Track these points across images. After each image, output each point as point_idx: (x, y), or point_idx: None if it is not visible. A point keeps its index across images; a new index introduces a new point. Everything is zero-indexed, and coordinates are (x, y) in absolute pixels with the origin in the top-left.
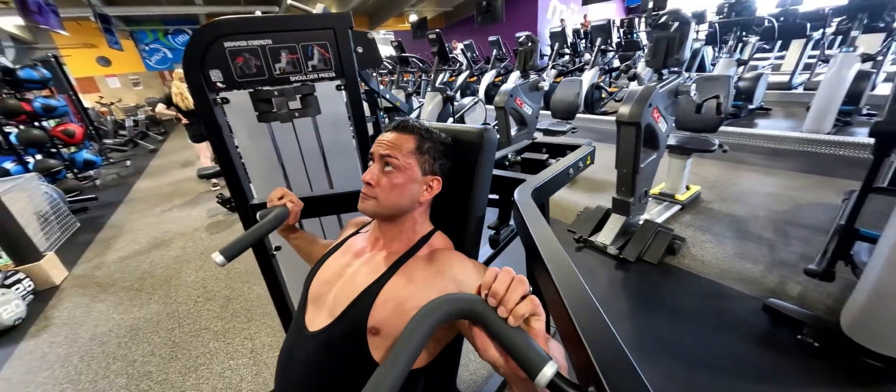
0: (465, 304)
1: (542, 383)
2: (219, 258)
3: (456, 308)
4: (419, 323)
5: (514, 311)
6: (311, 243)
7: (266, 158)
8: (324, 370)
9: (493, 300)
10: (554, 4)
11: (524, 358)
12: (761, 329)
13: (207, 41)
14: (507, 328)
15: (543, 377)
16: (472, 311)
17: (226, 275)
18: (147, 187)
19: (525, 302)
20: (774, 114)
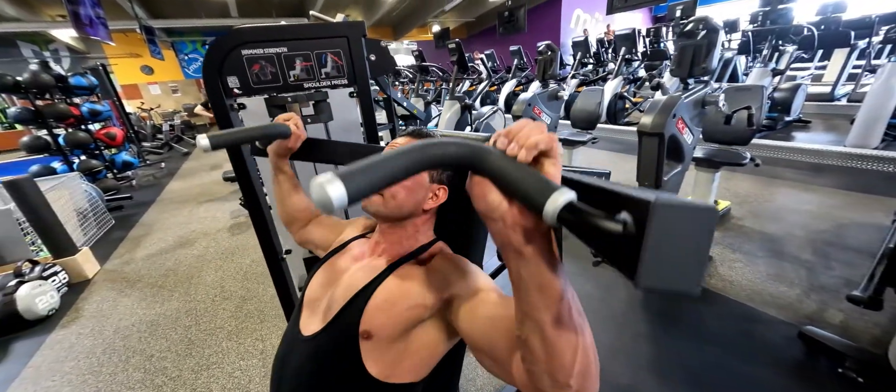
0: (465, 148)
1: (551, 213)
2: (203, 141)
3: (454, 151)
4: (414, 149)
5: (525, 143)
6: (294, 188)
7: None
8: (315, 378)
9: (504, 140)
10: (577, 14)
11: (528, 188)
12: (796, 359)
13: (226, 49)
14: (512, 164)
15: (555, 205)
16: (472, 155)
17: (242, 275)
18: (178, 188)
19: (542, 136)
20: (814, 127)
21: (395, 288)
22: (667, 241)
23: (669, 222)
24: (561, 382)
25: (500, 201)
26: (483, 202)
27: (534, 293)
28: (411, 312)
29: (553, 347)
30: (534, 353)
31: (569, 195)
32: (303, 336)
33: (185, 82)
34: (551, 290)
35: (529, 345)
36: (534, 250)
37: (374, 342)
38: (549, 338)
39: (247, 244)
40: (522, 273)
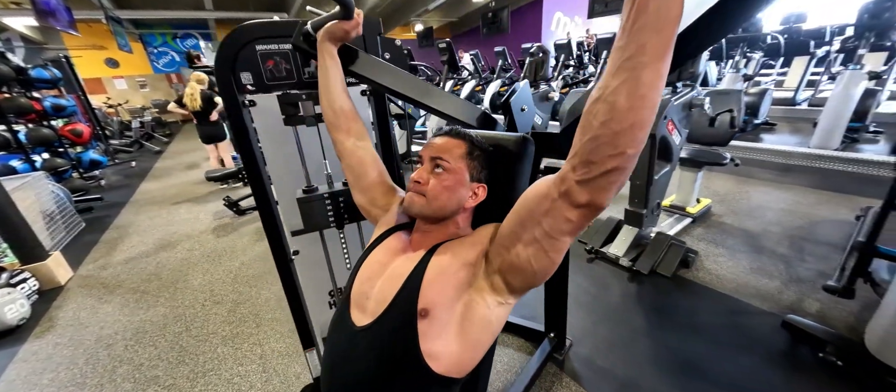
0: None
1: None
2: None
3: None
4: None
5: None
6: (339, 81)
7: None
8: (371, 366)
9: None
10: (558, 16)
11: None
12: (781, 347)
13: (240, 43)
14: None
15: None
16: None
17: (233, 279)
18: (153, 189)
19: None
20: (780, 129)
21: (442, 260)
22: None
23: None
24: (621, 147)
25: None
26: None
27: (650, 32)
28: (460, 273)
29: (641, 100)
30: (614, 106)
31: None
32: (357, 328)
33: (154, 77)
34: (668, 32)
35: (614, 99)
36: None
37: (429, 320)
38: (641, 86)
39: (234, 246)
40: (650, 3)
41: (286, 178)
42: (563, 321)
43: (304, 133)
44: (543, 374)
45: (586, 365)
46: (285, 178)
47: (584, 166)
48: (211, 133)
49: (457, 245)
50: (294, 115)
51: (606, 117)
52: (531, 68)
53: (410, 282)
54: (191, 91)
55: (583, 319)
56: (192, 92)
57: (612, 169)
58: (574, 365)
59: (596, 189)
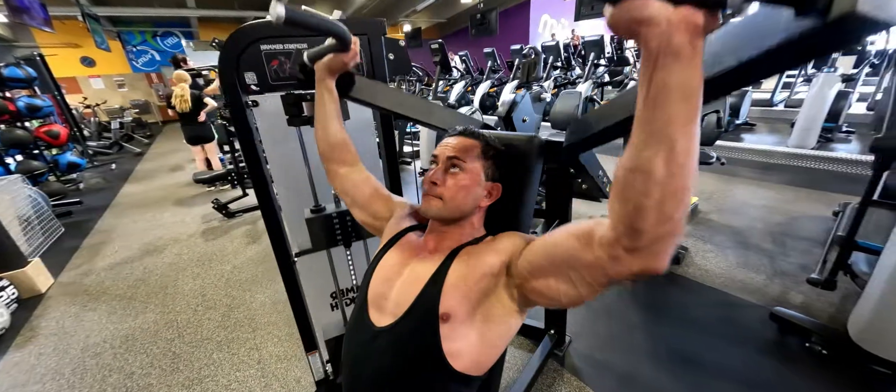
0: None
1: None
2: (279, 8)
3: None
4: None
5: None
6: (337, 115)
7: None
8: (396, 368)
9: None
10: (545, 19)
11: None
12: (770, 337)
13: (244, 43)
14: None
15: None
16: None
17: (224, 283)
18: (135, 192)
19: None
20: (759, 129)
21: (462, 266)
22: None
23: None
24: (667, 214)
25: (664, 5)
26: (644, 11)
27: (677, 104)
28: (481, 283)
29: (680, 168)
30: (652, 179)
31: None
32: (376, 329)
33: (133, 76)
34: (694, 99)
35: (650, 169)
36: (693, 51)
37: (451, 324)
38: (678, 155)
39: (224, 249)
40: (671, 81)
41: (288, 179)
42: (563, 319)
43: (308, 133)
44: (545, 370)
45: (586, 360)
46: (288, 180)
47: (632, 235)
48: (198, 134)
49: (477, 252)
50: (298, 116)
51: (646, 188)
52: (524, 69)
53: (431, 285)
54: (180, 93)
55: (581, 317)
56: (182, 93)
57: (664, 234)
58: (574, 360)
59: (650, 256)
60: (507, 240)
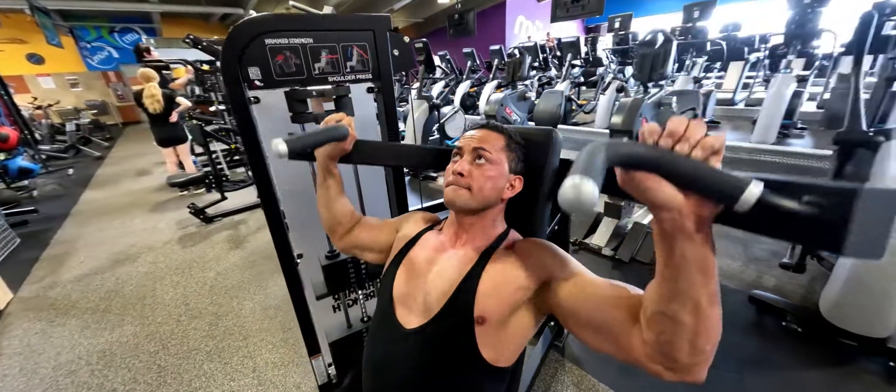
0: (640, 147)
1: (750, 203)
2: (282, 147)
3: (630, 150)
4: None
5: (702, 144)
6: (340, 192)
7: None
8: (429, 366)
9: (670, 140)
10: (520, 20)
11: (721, 183)
12: (750, 318)
13: (249, 36)
14: (690, 161)
15: (751, 196)
16: (647, 155)
17: (209, 290)
18: (98, 198)
19: (715, 136)
20: (723, 127)
21: (497, 274)
22: (869, 221)
23: (871, 206)
24: (700, 348)
25: (675, 194)
26: (658, 195)
27: (695, 274)
28: (516, 295)
29: (706, 320)
30: (682, 326)
31: (760, 185)
32: (406, 330)
33: (88, 75)
34: (711, 270)
35: (678, 319)
36: (704, 236)
37: (486, 327)
38: (703, 311)
39: (205, 256)
40: (687, 255)
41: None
42: None
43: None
44: (547, 361)
45: (585, 350)
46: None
47: (667, 361)
48: (169, 135)
49: (510, 261)
50: (303, 113)
51: (676, 330)
52: (510, 68)
53: (465, 289)
54: (151, 92)
55: None
56: (154, 93)
57: (699, 362)
58: (574, 351)
59: (686, 374)
60: (541, 254)
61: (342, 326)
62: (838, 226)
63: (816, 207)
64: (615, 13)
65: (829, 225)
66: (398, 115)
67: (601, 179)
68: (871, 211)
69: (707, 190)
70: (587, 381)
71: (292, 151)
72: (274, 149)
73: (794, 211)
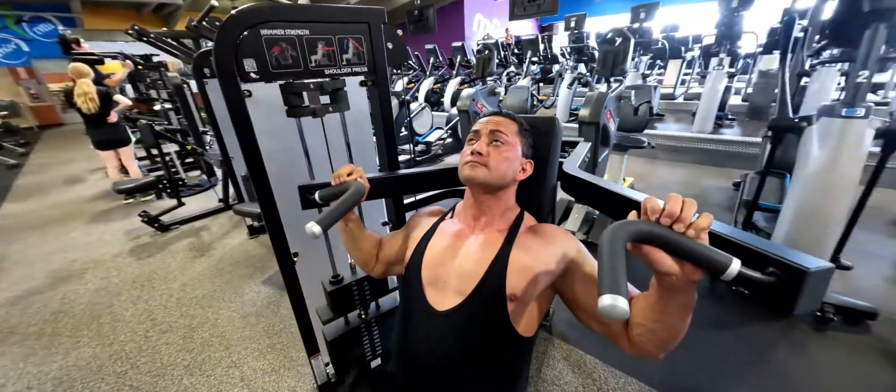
0: (646, 226)
1: (732, 275)
2: (316, 228)
3: (639, 229)
4: (612, 240)
5: (696, 225)
6: (362, 230)
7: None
8: (465, 342)
9: (668, 219)
10: (478, 18)
11: (709, 260)
12: (705, 285)
13: (244, 26)
14: (687, 240)
15: (732, 271)
16: (653, 233)
17: (176, 302)
18: (21, 211)
19: (704, 217)
20: (667, 119)
21: (524, 256)
22: (812, 289)
23: (814, 280)
24: (669, 349)
25: (674, 265)
26: (663, 266)
27: (679, 312)
28: (542, 277)
29: (676, 336)
30: (657, 334)
31: (739, 263)
32: (441, 311)
33: None
34: (690, 311)
35: (657, 334)
36: (692, 290)
37: (516, 304)
38: (677, 332)
39: (166, 267)
40: (678, 301)
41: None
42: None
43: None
44: (537, 339)
45: (569, 326)
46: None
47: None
48: (109, 137)
49: (537, 245)
50: (299, 106)
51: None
52: (479, 64)
53: (496, 269)
54: (85, 90)
55: None
56: (87, 91)
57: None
58: (560, 328)
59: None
60: (567, 246)
61: (339, 324)
62: (793, 293)
63: (776, 278)
64: (570, 12)
65: (786, 289)
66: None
67: (626, 287)
68: (813, 282)
69: (700, 265)
70: (575, 354)
71: (326, 228)
72: (308, 232)
73: (761, 280)
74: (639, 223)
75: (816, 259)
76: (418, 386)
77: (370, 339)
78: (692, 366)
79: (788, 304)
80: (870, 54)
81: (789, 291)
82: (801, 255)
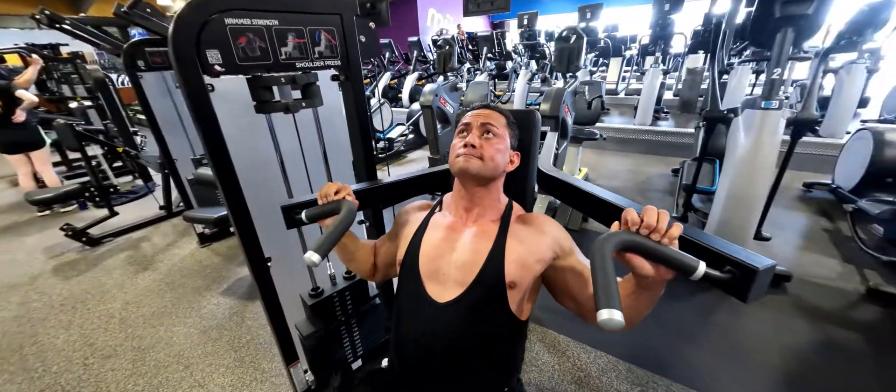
0: (628, 237)
1: (699, 276)
2: (315, 257)
3: (622, 240)
4: (601, 254)
5: (669, 234)
6: (357, 244)
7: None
8: (468, 330)
9: (646, 230)
10: (432, 13)
11: (681, 264)
12: None
13: (206, 14)
14: (662, 248)
15: (699, 273)
16: (634, 242)
17: (119, 323)
18: None
19: (676, 226)
20: (612, 113)
21: (520, 246)
22: (761, 283)
23: (763, 278)
24: (633, 325)
25: (650, 267)
26: (643, 270)
27: (649, 301)
28: (537, 265)
29: (639, 317)
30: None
31: (704, 265)
32: (442, 303)
33: None
34: (656, 299)
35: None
36: (662, 286)
37: (515, 291)
38: (643, 313)
39: (102, 285)
40: (650, 294)
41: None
42: None
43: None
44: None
45: (541, 310)
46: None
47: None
48: (18, 139)
49: (531, 235)
50: (268, 102)
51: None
52: (441, 59)
53: (494, 258)
54: None
55: None
56: None
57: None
58: (536, 313)
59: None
60: (557, 235)
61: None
62: (747, 285)
63: (732, 275)
64: (522, 10)
65: (741, 284)
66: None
67: (618, 299)
68: (761, 277)
69: (674, 268)
70: (549, 336)
71: (325, 254)
72: (307, 261)
73: (721, 278)
74: (621, 234)
75: (764, 258)
76: (422, 377)
77: (350, 340)
78: (652, 335)
79: (743, 294)
80: (781, 54)
81: (744, 285)
82: (753, 255)
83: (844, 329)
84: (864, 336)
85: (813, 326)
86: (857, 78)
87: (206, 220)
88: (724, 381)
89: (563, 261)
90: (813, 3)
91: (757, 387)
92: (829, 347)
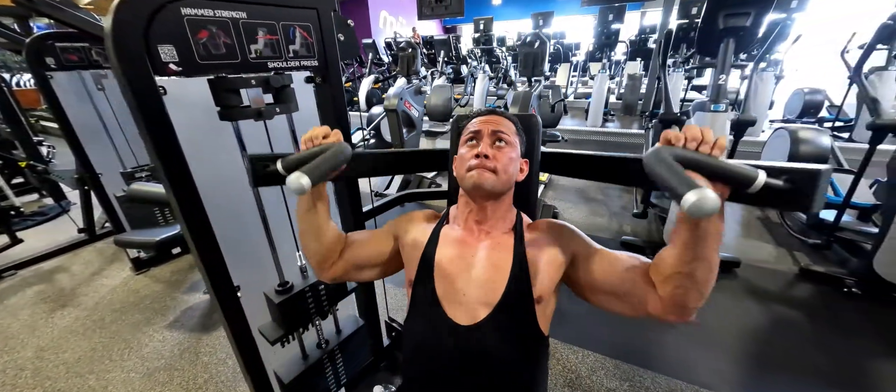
0: (679, 151)
1: (759, 186)
2: (304, 180)
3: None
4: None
5: (718, 145)
6: (328, 219)
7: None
8: (497, 352)
9: (694, 143)
10: (384, 15)
11: (740, 174)
12: None
13: (156, 2)
14: (715, 159)
15: (760, 182)
16: (685, 156)
17: (34, 375)
18: None
19: (722, 136)
20: (565, 116)
21: (539, 255)
22: (822, 188)
23: (824, 180)
24: (706, 294)
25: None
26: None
27: (712, 241)
28: (557, 273)
29: (714, 272)
30: (697, 280)
31: (764, 174)
32: (465, 326)
33: None
34: (721, 236)
35: (695, 276)
36: (722, 216)
37: (542, 304)
38: (714, 266)
39: (6, 329)
40: (710, 229)
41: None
42: None
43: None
44: None
45: None
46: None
47: (680, 309)
48: None
49: (546, 243)
50: (235, 107)
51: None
52: (404, 62)
53: (519, 274)
54: None
55: None
56: None
57: (701, 305)
58: None
59: (690, 315)
60: (569, 235)
61: (297, 360)
62: (809, 194)
63: (794, 184)
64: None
65: (802, 194)
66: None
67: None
68: (823, 182)
69: (731, 180)
70: None
71: (316, 182)
72: (294, 184)
73: (781, 188)
74: (673, 148)
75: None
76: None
77: (333, 369)
78: (632, 331)
79: (807, 203)
80: (725, 61)
81: (807, 192)
82: (806, 164)
83: (787, 306)
84: (803, 312)
85: (762, 306)
86: (769, 84)
87: (146, 245)
88: (698, 368)
89: (584, 256)
90: (750, 17)
91: (725, 366)
92: (777, 324)
